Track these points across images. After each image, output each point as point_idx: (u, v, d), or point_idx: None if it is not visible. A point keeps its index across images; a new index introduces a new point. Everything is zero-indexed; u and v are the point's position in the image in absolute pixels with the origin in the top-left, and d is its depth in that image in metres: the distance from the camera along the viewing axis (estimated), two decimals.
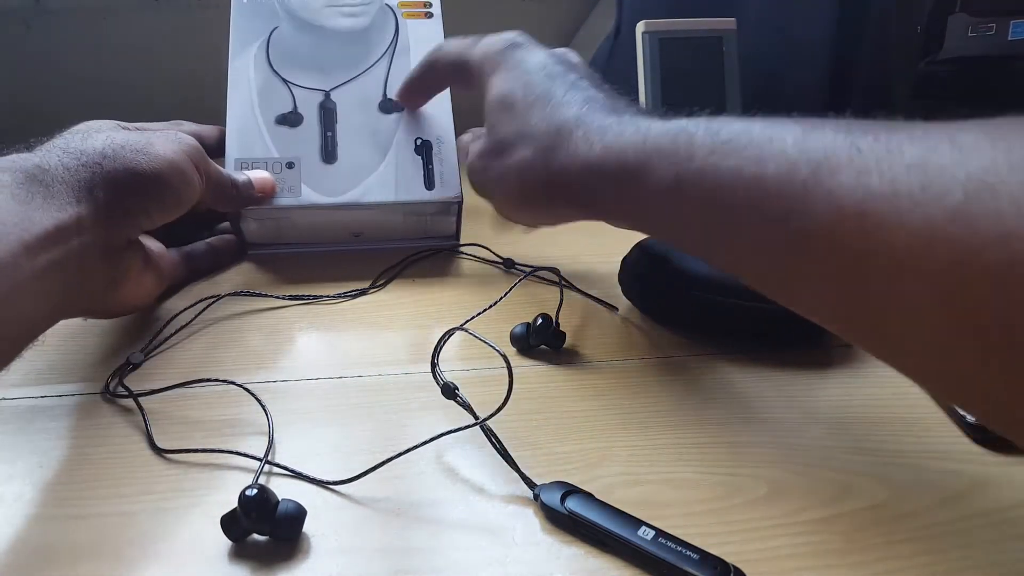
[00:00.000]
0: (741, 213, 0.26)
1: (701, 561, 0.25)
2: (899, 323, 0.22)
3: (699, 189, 0.28)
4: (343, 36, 0.54)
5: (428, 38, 0.54)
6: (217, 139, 0.50)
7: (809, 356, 0.40)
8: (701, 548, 0.26)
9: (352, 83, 0.52)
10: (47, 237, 0.31)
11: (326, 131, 0.51)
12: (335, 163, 0.50)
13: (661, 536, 0.26)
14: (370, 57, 0.54)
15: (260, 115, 0.50)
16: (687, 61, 0.61)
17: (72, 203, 0.33)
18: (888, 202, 0.21)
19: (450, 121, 0.53)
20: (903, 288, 0.21)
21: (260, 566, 0.27)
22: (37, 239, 0.30)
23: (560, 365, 0.39)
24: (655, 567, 0.26)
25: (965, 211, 0.19)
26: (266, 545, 0.27)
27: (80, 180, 0.34)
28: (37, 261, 0.30)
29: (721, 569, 0.25)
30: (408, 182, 0.50)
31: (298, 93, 0.51)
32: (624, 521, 0.27)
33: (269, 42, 0.53)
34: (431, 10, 0.56)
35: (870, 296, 0.23)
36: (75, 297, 0.35)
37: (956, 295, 0.20)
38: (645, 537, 0.26)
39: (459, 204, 0.51)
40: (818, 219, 0.23)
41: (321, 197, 0.49)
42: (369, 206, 0.50)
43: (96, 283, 0.36)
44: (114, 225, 0.35)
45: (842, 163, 0.23)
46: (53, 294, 0.32)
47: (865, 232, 0.22)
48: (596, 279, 0.48)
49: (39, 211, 0.31)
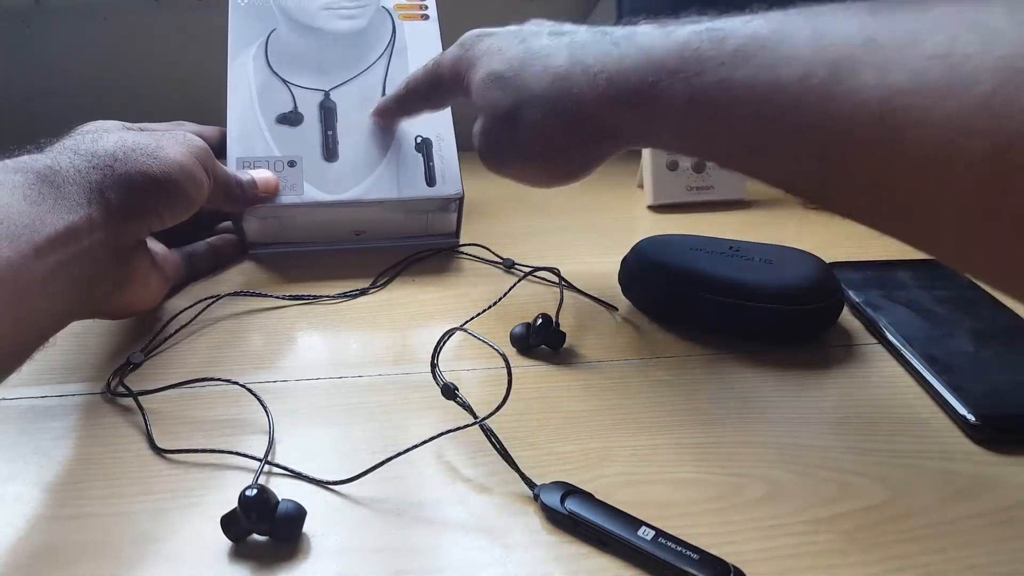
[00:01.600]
0: (760, 126, 0.25)
1: (701, 561, 0.25)
2: (930, 218, 0.22)
3: (713, 107, 0.27)
4: (341, 38, 0.54)
5: (425, 39, 0.55)
6: (219, 139, 0.50)
7: (809, 356, 0.40)
8: (701, 548, 0.26)
9: (351, 83, 0.53)
10: (57, 238, 0.31)
11: (327, 130, 0.51)
12: (336, 161, 0.50)
13: (661, 536, 0.26)
14: (368, 58, 0.54)
15: (260, 114, 0.51)
16: None
17: (83, 204, 0.33)
18: (913, 97, 0.20)
19: (449, 118, 0.53)
20: (934, 185, 0.20)
21: (260, 566, 0.27)
22: (48, 240, 0.30)
23: (560, 365, 0.39)
24: (655, 567, 0.26)
25: (993, 101, 0.18)
26: (266, 545, 0.27)
27: (91, 182, 0.34)
28: (47, 262, 0.30)
29: (721, 569, 0.25)
30: (409, 179, 0.50)
31: (298, 93, 0.52)
32: (624, 521, 0.27)
33: (267, 43, 0.53)
34: (427, 12, 0.57)
35: (901, 196, 0.22)
36: (84, 298, 0.34)
37: (989, 186, 0.19)
38: (645, 537, 0.26)
39: (460, 200, 0.51)
40: (841, 125, 0.22)
41: (323, 195, 0.49)
42: (371, 203, 0.50)
43: (105, 284, 0.36)
44: (124, 226, 0.35)
45: (860, 60, 0.22)
46: (62, 295, 0.32)
47: (891, 133, 0.21)
48: (596, 279, 0.48)
49: (50, 212, 0.31)
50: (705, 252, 0.43)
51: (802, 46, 0.24)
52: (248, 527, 0.27)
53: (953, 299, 0.44)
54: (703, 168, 0.61)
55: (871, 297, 0.44)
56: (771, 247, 0.43)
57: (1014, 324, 0.42)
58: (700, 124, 0.28)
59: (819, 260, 0.42)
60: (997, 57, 0.19)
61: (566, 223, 0.59)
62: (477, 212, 0.61)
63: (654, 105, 0.30)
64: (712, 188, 0.62)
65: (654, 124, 0.31)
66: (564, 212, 0.61)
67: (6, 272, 0.28)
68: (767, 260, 0.42)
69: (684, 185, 0.61)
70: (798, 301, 0.39)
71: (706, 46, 0.27)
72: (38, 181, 0.32)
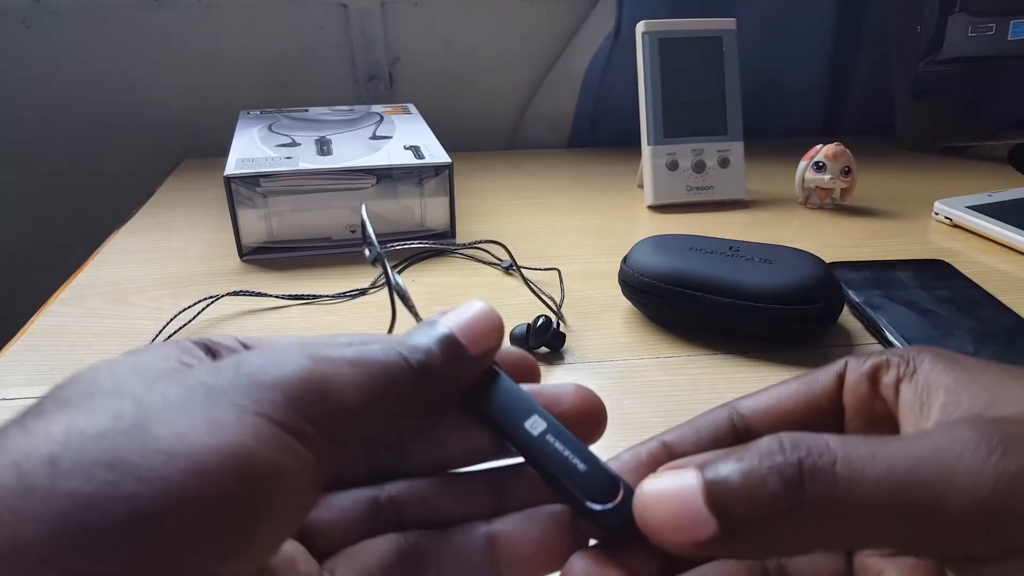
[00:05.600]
0: None
1: (587, 474, 0.18)
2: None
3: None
4: (336, 122, 0.64)
5: (409, 123, 0.64)
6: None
7: (809, 356, 0.40)
8: (597, 458, 0.19)
9: (345, 132, 0.61)
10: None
11: (322, 145, 0.57)
12: (331, 157, 0.54)
13: (551, 433, 0.19)
14: (360, 124, 0.64)
15: (262, 144, 0.57)
16: (687, 61, 0.61)
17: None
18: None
19: (430, 133, 0.61)
20: None
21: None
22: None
23: (560, 365, 0.39)
24: (538, 468, 0.19)
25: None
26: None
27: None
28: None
29: (608, 489, 0.18)
30: (400, 160, 0.54)
31: (296, 137, 0.59)
32: (517, 407, 0.20)
33: (270, 127, 0.62)
34: (409, 112, 0.69)
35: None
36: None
37: None
38: (532, 431, 0.19)
39: (450, 173, 0.53)
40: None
41: (321, 164, 0.52)
42: (366, 170, 0.52)
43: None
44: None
45: None
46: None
47: None
48: (596, 279, 0.48)
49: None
50: (705, 252, 0.43)
51: None
52: None
53: (953, 299, 0.44)
54: (703, 168, 0.61)
55: (871, 297, 0.44)
56: (771, 247, 0.43)
57: (1014, 324, 0.42)
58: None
59: (819, 260, 0.42)
60: None
61: (566, 223, 0.59)
62: (477, 212, 0.61)
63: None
64: (712, 188, 0.62)
65: None
66: (564, 212, 0.61)
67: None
68: (767, 260, 0.42)
69: (684, 185, 0.61)
70: (798, 301, 0.39)
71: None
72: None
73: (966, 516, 0.14)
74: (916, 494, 0.14)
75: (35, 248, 0.82)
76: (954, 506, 0.14)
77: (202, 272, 0.50)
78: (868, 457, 0.15)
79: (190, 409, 0.15)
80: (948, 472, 0.14)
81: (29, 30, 0.74)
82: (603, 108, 0.79)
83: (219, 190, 0.62)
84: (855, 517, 0.14)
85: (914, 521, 0.14)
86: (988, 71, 0.72)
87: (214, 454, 0.14)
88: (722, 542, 0.15)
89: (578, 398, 0.20)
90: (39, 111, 0.76)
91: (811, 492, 0.15)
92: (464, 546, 0.19)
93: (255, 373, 0.16)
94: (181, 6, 0.74)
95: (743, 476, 0.15)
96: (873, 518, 0.14)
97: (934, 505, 0.14)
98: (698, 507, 0.15)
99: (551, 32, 0.79)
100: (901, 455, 0.15)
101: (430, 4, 0.77)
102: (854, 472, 0.15)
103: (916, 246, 0.54)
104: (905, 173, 0.70)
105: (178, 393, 0.15)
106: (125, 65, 0.76)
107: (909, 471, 0.15)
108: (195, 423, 0.14)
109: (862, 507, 0.14)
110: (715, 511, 0.15)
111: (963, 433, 0.15)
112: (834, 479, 0.15)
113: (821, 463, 0.15)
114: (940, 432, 0.15)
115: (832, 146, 0.59)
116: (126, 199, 0.66)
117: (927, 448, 0.15)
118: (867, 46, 0.80)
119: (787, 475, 0.15)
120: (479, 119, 0.83)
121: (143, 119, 0.77)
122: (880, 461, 0.15)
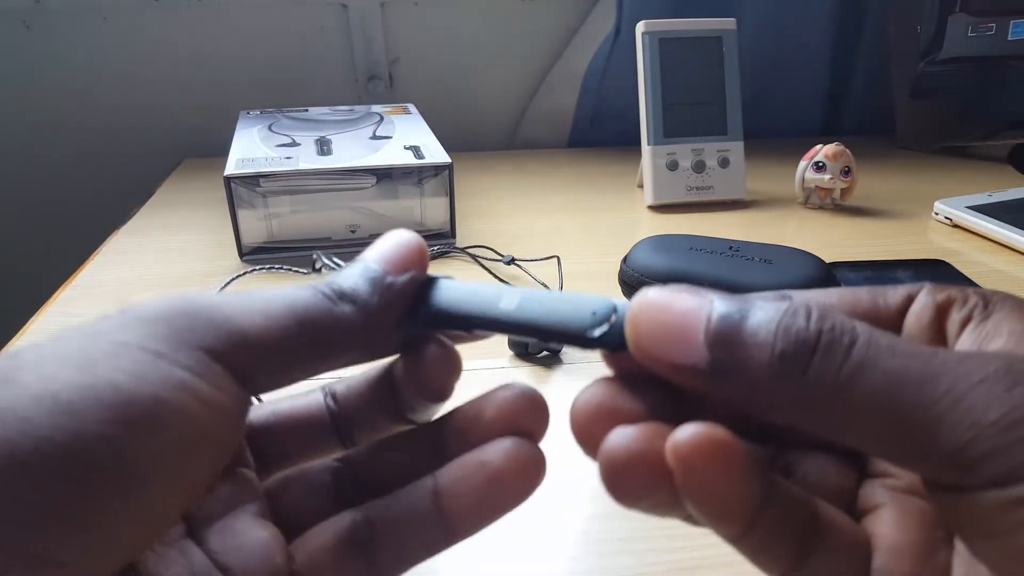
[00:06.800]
0: None
1: (578, 312, 0.18)
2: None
3: None
4: (336, 122, 0.65)
5: (409, 123, 0.64)
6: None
7: None
8: (581, 295, 0.19)
9: (345, 132, 0.60)
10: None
11: (322, 145, 0.56)
12: (331, 157, 0.54)
13: (526, 298, 0.19)
14: (360, 124, 0.64)
15: (263, 144, 0.57)
16: (687, 61, 0.61)
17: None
18: None
19: (430, 133, 0.60)
20: None
21: None
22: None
23: (560, 366, 0.39)
24: (531, 334, 0.19)
25: None
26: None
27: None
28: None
29: (600, 311, 0.18)
30: (400, 160, 0.54)
31: (296, 138, 0.59)
32: (480, 296, 0.19)
33: (270, 127, 0.62)
34: (409, 112, 0.68)
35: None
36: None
37: None
38: (509, 308, 0.19)
39: (450, 173, 0.53)
40: None
41: (321, 164, 0.52)
42: (367, 170, 0.52)
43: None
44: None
45: None
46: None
47: None
48: (596, 279, 0.48)
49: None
50: (705, 252, 0.43)
51: None
52: None
53: None
54: (703, 168, 0.61)
55: None
56: (771, 247, 0.43)
57: None
58: None
59: (819, 260, 0.42)
60: None
61: (566, 223, 0.59)
62: (477, 212, 0.61)
63: None
64: (712, 188, 0.62)
65: None
66: (564, 212, 0.61)
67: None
68: (767, 260, 0.42)
69: (684, 185, 0.61)
70: None
71: None
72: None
73: (967, 436, 0.13)
74: (921, 399, 0.13)
75: (35, 248, 0.82)
76: (959, 423, 0.13)
77: (202, 272, 0.50)
78: (887, 349, 0.14)
79: (63, 353, 0.14)
80: (964, 389, 0.13)
81: (29, 30, 0.74)
82: (603, 108, 0.79)
83: (219, 190, 0.62)
84: (849, 404, 0.14)
85: (911, 428, 0.13)
86: (988, 71, 0.72)
87: (83, 390, 0.14)
88: (705, 378, 0.15)
89: (507, 403, 0.19)
90: (39, 111, 0.76)
91: (815, 366, 0.14)
92: (412, 509, 0.18)
93: (140, 311, 0.15)
94: (181, 6, 0.74)
95: (755, 327, 0.15)
96: (869, 411, 0.14)
97: (936, 417, 0.13)
98: (696, 334, 0.15)
99: (551, 32, 0.79)
100: (921, 359, 0.14)
101: (430, 4, 0.77)
102: (867, 358, 0.14)
103: (916, 246, 0.54)
104: (905, 173, 0.70)
105: (57, 344, 0.15)
106: (125, 65, 0.76)
107: (923, 376, 0.14)
108: (67, 364, 0.14)
109: (859, 396, 0.14)
110: (710, 344, 0.15)
111: (996, 363, 0.14)
112: (844, 361, 0.14)
113: (838, 340, 0.14)
114: (973, 355, 0.14)
115: (832, 146, 0.59)
116: (126, 199, 0.66)
117: (952, 361, 0.14)
118: (867, 46, 0.80)
119: (799, 341, 0.14)
120: (479, 119, 0.83)
121: (143, 119, 0.77)
122: (898, 358, 0.14)
